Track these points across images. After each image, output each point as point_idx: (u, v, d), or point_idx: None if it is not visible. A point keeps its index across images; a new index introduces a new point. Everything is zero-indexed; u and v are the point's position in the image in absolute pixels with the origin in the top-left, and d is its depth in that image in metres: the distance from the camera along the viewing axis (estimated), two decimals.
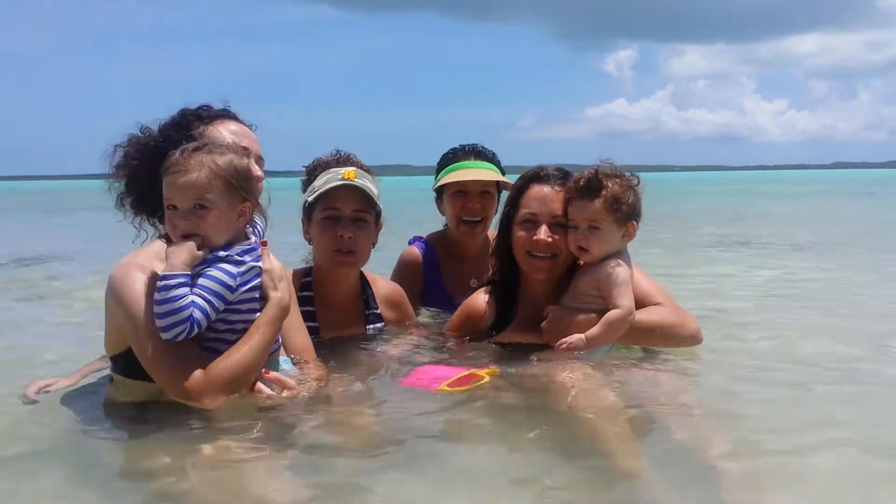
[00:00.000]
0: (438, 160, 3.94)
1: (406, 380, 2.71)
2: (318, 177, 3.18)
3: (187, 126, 2.69)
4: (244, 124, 2.86)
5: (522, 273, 3.07)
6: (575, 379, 2.63)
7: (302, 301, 3.17)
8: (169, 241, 2.42)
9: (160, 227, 2.61)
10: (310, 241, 3.26)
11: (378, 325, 3.32)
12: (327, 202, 3.09)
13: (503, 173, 3.82)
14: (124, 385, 2.45)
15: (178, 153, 2.34)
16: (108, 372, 2.59)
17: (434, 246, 3.96)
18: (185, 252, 2.27)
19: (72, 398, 2.68)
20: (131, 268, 2.38)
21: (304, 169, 3.99)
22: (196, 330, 2.25)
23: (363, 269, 3.28)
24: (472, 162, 3.79)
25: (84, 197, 28.03)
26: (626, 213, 2.85)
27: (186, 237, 2.31)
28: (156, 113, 2.72)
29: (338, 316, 3.24)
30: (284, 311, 2.49)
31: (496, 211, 3.69)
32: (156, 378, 2.33)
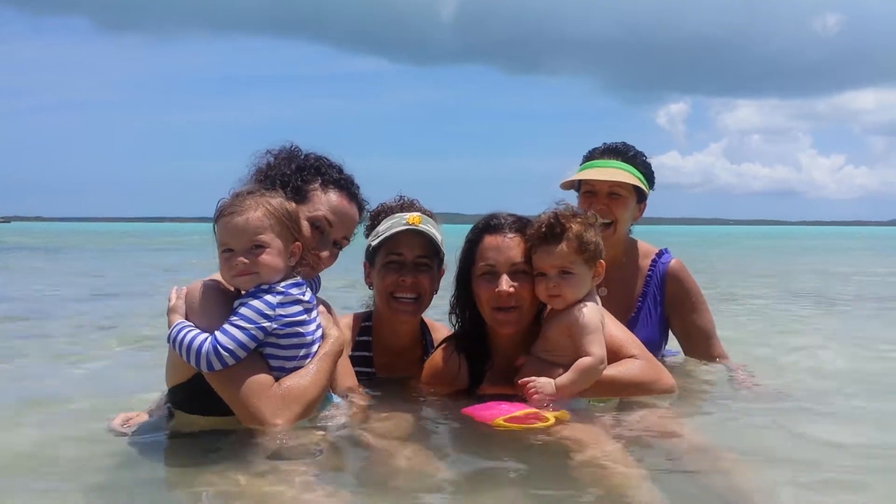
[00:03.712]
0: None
1: (468, 409, 2.64)
2: (383, 221, 3.14)
3: (305, 178, 2.71)
4: (357, 201, 2.84)
5: (489, 326, 2.89)
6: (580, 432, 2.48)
7: (359, 346, 3.18)
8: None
9: None
10: (370, 285, 3.21)
11: None
12: (391, 247, 3.06)
13: (648, 177, 3.57)
14: (181, 417, 2.49)
15: (229, 198, 2.40)
16: None
17: None
18: (173, 312, 2.36)
19: (142, 430, 2.66)
20: (196, 285, 2.42)
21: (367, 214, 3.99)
22: (228, 353, 2.25)
23: (424, 315, 3.25)
24: (604, 161, 3.52)
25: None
26: (594, 253, 2.74)
27: (243, 276, 2.34)
28: (217, 156, 2.78)
29: (395, 361, 3.21)
30: (342, 348, 2.54)
31: (634, 216, 3.56)
32: (227, 397, 2.32)
